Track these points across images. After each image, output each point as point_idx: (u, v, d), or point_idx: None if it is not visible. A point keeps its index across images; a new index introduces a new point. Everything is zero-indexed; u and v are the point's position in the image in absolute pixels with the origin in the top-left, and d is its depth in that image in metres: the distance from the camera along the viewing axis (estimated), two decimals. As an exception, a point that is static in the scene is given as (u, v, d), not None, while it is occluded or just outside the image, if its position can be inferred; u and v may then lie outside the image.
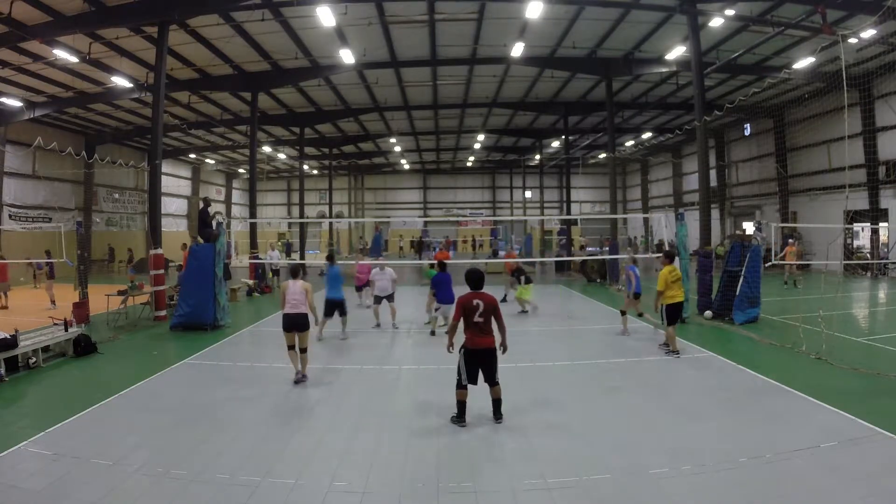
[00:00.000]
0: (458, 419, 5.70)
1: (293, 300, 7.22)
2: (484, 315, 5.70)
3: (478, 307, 5.69)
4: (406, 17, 15.73)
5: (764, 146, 27.25)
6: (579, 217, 38.22)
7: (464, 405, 5.71)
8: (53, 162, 23.53)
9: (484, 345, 5.69)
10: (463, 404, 5.71)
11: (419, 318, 12.32)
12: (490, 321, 5.77)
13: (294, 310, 7.19)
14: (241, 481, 4.50)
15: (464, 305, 5.75)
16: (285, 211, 47.81)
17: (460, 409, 5.72)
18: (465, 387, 5.69)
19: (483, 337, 5.70)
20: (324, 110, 25.97)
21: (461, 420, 5.69)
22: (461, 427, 5.60)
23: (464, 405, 5.71)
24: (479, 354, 5.67)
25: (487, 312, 5.72)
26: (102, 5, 13.35)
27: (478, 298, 5.74)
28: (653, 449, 5.06)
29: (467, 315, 5.71)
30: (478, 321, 5.68)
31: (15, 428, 5.70)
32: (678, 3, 14.02)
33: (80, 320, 10.50)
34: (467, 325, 5.71)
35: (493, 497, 4.26)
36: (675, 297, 8.61)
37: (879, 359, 8.11)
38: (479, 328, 5.69)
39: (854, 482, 4.31)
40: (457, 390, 5.73)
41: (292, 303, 7.21)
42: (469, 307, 5.71)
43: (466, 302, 5.75)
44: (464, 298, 5.81)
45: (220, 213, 13.39)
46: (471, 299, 5.75)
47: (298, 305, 7.21)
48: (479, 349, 5.67)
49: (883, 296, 16.14)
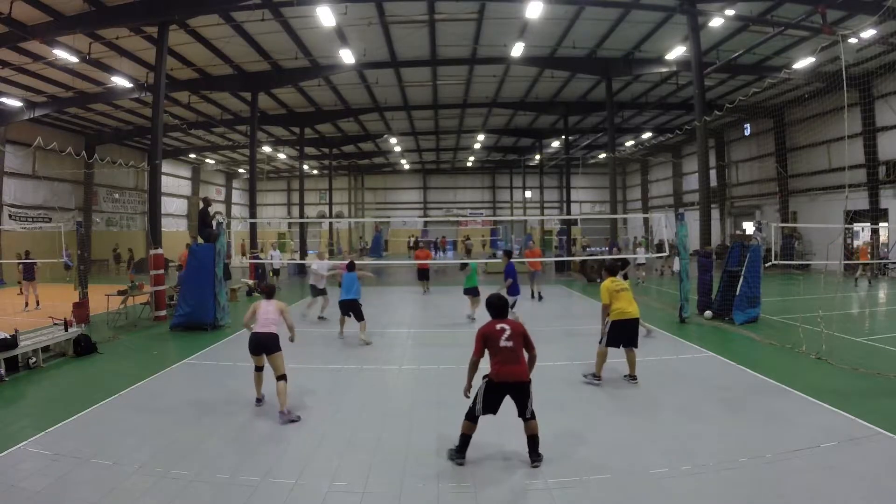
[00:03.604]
0: (458, 454, 4.82)
1: (265, 319, 6.27)
2: (513, 339, 4.78)
3: (503, 331, 4.79)
4: (406, 17, 15.74)
5: (764, 146, 27.25)
6: (579, 217, 38.21)
7: (468, 439, 4.80)
8: (53, 162, 23.55)
9: (515, 376, 4.68)
10: (467, 438, 4.80)
11: (419, 319, 12.31)
12: (521, 346, 4.81)
13: (264, 328, 6.20)
14: (241, 481, 4.49)
15: (485, 334, 4.84)
16: (285, 211, 47.83)
17: (462, 443, 4.82)
18: (475, 419, 4.77)
19: (513, 366, 4.71)
20: (324, 110, 25.98)
21: (461, 456, 4.80)
22: (459, 465, 4.76)
23: (468, 439, 4.80)
24: (507, 388, 4.70)
25: (517, 336, 4.82)
26: (102, 5, 13.36)
27: (502, 324, 4.87)
28: (653, 449, 5.05)
29: (491, 342, 4.79)
30: (505, 346, 4.74)
31: (15, 428, 5.70)
32: (678, 3, 14.03)
33: (80, 320, 10.49)
34: (494, 353, 4.78)
35: (494, 497, 4.26)
36: (627, 311, 6.99)
37: (879, 359, 8.10)
38: (510, 354, 4.73)
39: (854, 482, 4.31)
40: (465, 421, 4.80)
41: (263, 321, 6.25)
42: (492, 333, 4.81)
43: (489, 330, 4.85)
44: (486, 327, 4.91)
45: (220, 213, 13.40)
46: (494, 325, 4.87)
47: (269, 325, 6.25)
48: (507, 383, 4.67)
49: (883, 296, 16.14)
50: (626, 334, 7.04)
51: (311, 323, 11.90)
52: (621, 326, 6.98)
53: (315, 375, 7.90)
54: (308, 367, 8.36)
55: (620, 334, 7.00)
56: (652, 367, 8.20)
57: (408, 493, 4.31)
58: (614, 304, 6.99)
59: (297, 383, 7.44)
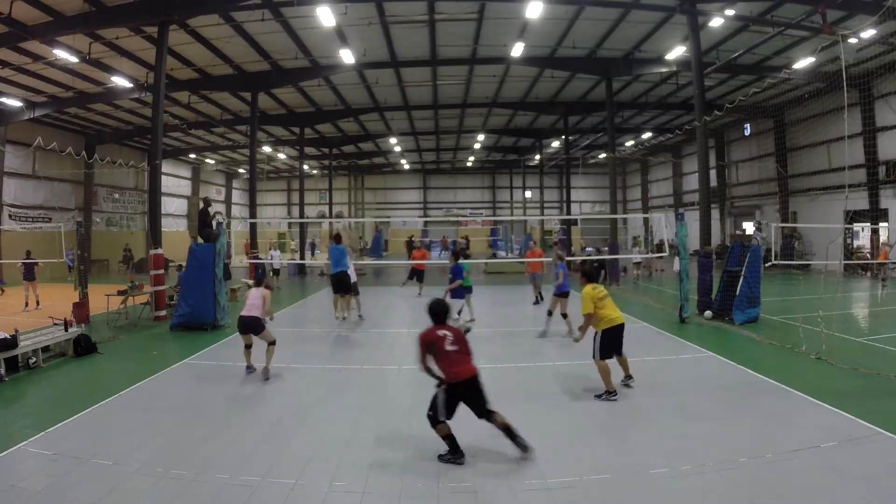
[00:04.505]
0: (453, 454, 4.82)
1: (249, 303, 7.56)
2: (457, 343, 4.92)
3: (445, 337, 4.90)
4: (406, 17, 15.74)
5: (764, 146, 27.25)
6: (579, 217, 38.23)
7: (452, 438, 4.83)
8: (53, 162, 23.55)
9: (468, 373, 4.84)
10: (450, 437, 4.83)
11: (419, 319, 12.28)
12: (465, 348, 4.97)
13: (247, 312, 7.50)
14: (241, 481, 4.50)
15: (428, 341, 4.92)
16: (285, 211, 47.84)
17: (450, 444, 4.83)
18: (443, 421, 4.83)
19: (464, 365, 4.87)
20: (324, 110, 25.98)
21: (456, 454, 4.82)
22: (459, 464, 4.77)
23: (452, 438, 4.83)
24: (463, 388, 4.81)
25: (459, 340, 4.97)
26: (102, 5, 13.36)
27: (443, 330, 4.99)
28: (653, 449, 5.05)
29: (436, 348, 4.89)
30: (451, 349, 4.86)
31: (15, 428, 5.70)
32: (678, 3, 14.02)
33: (80, 320, 10.49)
34: (440, 357, 4.88)
35: (493, 497, 4.26)
36: (615, 317, 6.73)
37: (879, 359, 8.10)
38: (457, 356, 4.88)
39: (854, 482, 4.31)
40: (435, 427, 4.83)
41: (248, 305, 7.55)
42: (435, 339, 4.90)
43: (431, 337, 4.94)
44: (427, 334, 4.98)
45: (219, 213, 13.39)
46: (435, 332, 4.97)
47: (252, 309, 7.51)
48: (463, 381, 4.81)
49: (883, 296, 16.13)
50: (617, 341, 6.82)
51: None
52: (612, 335, 6.72)
53: (315, 375, 7.91)
54: (309, 367, 8.38)
55: (612, 342, 6.74)
56: (652, 367, 8.20)
57: (408, 493, 4.32)
58: (600, 313, 6.70)
59: (297, 383, 7.48)
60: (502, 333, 10.88)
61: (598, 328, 6.72)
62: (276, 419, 5.98)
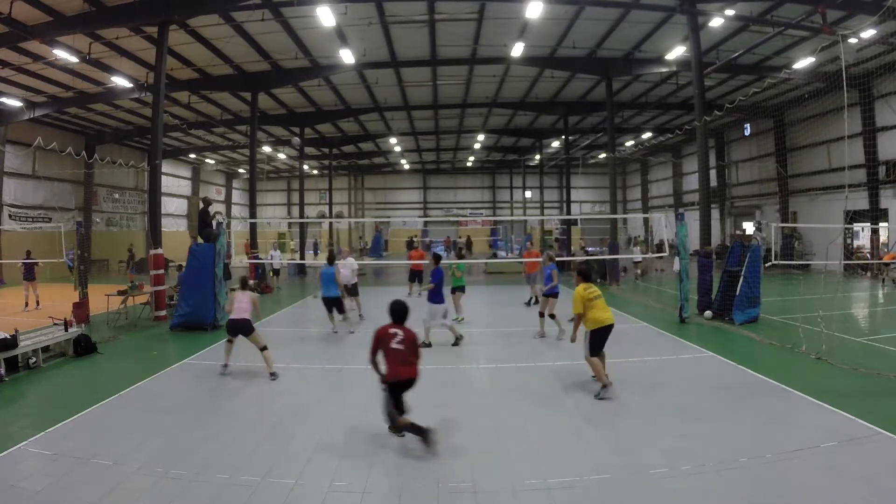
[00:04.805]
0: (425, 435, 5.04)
1: (238, 307, 7.77)
2: (404, 343, 5.22)
3: (395, 335, 5.23)
4: (406, 17, 15.73)
5: (764, 146, 27.24)
6: (579, 217, 38.21)
7: (413, 424, 5.09)
8: (53, 162, 23.54)
9: (407, 374, 5.19)
10: (412, 425, 5.09)
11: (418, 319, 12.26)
12: (411, 350, 5.25)
13: (238, 315, 7.73)
14: (241, 481, 4.50)
15: (380, 337, 5.27)
16: (285, 211, 47.83)
17: (416, 430, 5.06)
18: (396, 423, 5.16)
19: (405, 367, 5.19)
20: (324, 110, 25.97)
21: (427, 434, 5.05)
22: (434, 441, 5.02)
23: (413, 424, 5.09)
24: (399, 386, 5.16)
25: (408, 341, 5.25)
26: (102, 5, 13.35)
27: (395, 328, 5.30)
28: (653, 449, 5.05)
29: (384, 344, 5.22)
30: (396, 348, 5.18)
31: (15, 428, 5.70)
32: (678, 3, 14.02)
33: (80, 320, 10.49)
34: (386, 355, 5.22)
35: (493, 497, 4.26)
36: (602, 319, 6.89)
37: (879, 359, 8.11)
38: (400, 356, 5.18)
39: (854, 482, 4.31)
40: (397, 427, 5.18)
41: (237, 309, 7.76)
42: (386, 335, 5.24)
43: (383, 333, 5.28)
44: (381, 330, 5.32)
45: (219, 213, 13.39)
46: (388, 329, 5.30)
47: (242, 312, 7.74)
48: (401, 381, 5.16)
49: (882, 296, 16.14)
50: (605, 340, 6.98)
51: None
52: (600, 334, 6.90)
53: (315, 375, 7.91)
54: (309, 367, 8.38)
55: (601, 341, 6.93)
56: (652, 367, 8.21)
57: (408, 493, 4.32)
58: (589, 314, 6.86)
59: (297, 383, 7.48)
60: (502, 334, 10.88)
61: (588, 328, 6.92)
62: (276, 419, 5.98)
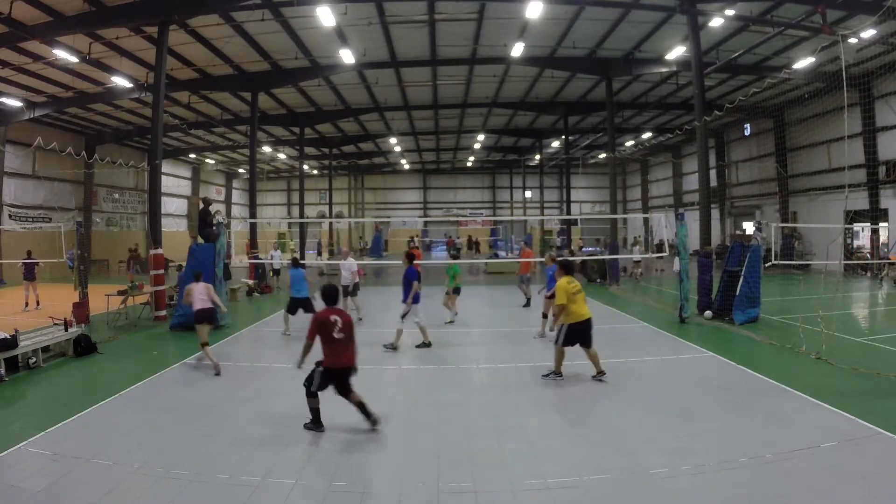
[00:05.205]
0: (316, 425, 5.53)
1: (201, 298, 8.37)
2: (344, 331, 5.49)
3: (336, 323, 5.46)
4: (406, 17, 15.74)
5: (764, 146, 27.24)
6: (579, 217, 38.22)
7: (318, 412, 5.54)
8: (53, 162, 23.53)
9: (346, 363, 5.51)
10: (317, 411, 5.54)
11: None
12: (350, 337, 5.56)
13: (204, 305, 8.34)
14: (241, 481, 4.49)
15: (321, 322, 5.45)
16: (285, 211, 47.84)
17: (316, 416, 5.55)
18: (315, 395, 5.50)
19: (344, 355, 5.50)
20: (324, 110, 25.97)
21: (319, 425, 5.53)
22: (321, 432, 5.48)
23: (318, 412, 5.54)
24: (339, 373, 5.48)
25: (347, 327, 5.53)
26: (102, 5, 13.35)
27: (335, 315, 5.52)
28: (653, 449, 5.05)
29: (325, 332, 5.44)
30: (338, 338, 5.45)
31: (15, 428, 5.70)
32: (678, 3, 14.01)
33: (80, 320, 10.48)
34: (327, 342, 5.46)
35: (493, 497, 4.26)
36: (582, 313, 7.19)
37: (879, 359, 8.11)
38: (341, 344, 5.46)
39: (854, 482, 4.31)
40: (308, 399, 5.53)
41: (202, 300, 8.36)
42: (327, 322, 5.45)
43: (324, 318, 5.47)
44: (321, 315, 5.52)
45: (219, 213, 13.39)
46: (328, 315, 5.50)
47: (206, 302, 8.37)
48: (342, 368, 5.48)
49: (882, 296, 16.14)
50: (581, 335, 7.24)
51: None
52: (577, 329, 7.17)
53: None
54: (309, 367, 8.35)
55: (576, 336, 7.21)
56: (652, 367, 8.21)
57: (408, 493, 4.31)
58: (570, 307, 7.15)
59: (297, 384, 7.44)
60: (502, 334, 10.89)
61: (566, 321, 7.19)
62: (276, 419, 5.97)
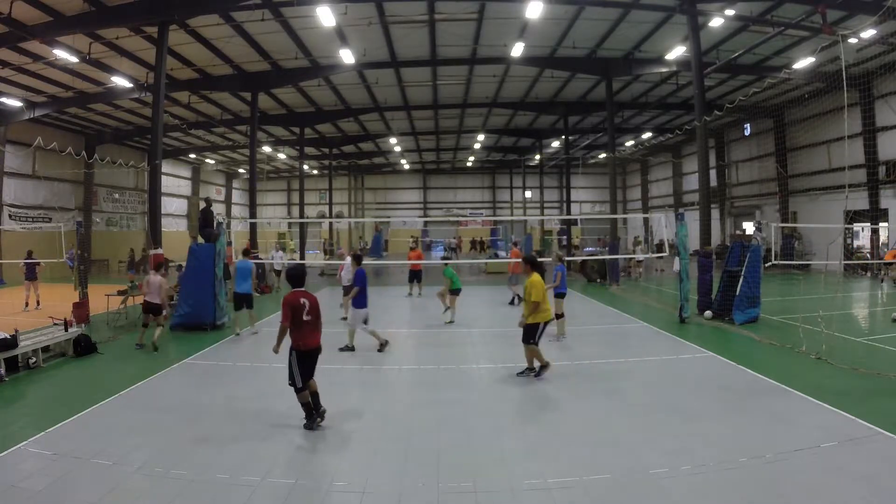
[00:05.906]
0: (310, 421, 5.60)
1: (151, 290, 9.45)
2: (311, 313, 5.66)
3: (304, 306, 5.60)
4: (406, 17, 15.74)
5: (764, 146, 27.25)
6: (579, 217, 38.21)
7: (309, 407, 5.62)
8: (53, 162, 23.52)
9: (313, 344, 5.67)
10: (308, 406, 5.61)
11: (418, 319, 12.29)
12: (318, 318, 5.76)
13: (151, 299, 9.43)
14: (241, 481, 4.49)
15: (291, 304, 5.56)
16: (285, 211, 47.84)
17: (307, 412, 5.61)
18: (303, 389, 5.56)
19: (314, 337, 5.70)
20: (324, 110, 25.98)
21: (313, 419, 5.60)
22: (317, 430, 5.54)
23: (309, 407, 5.62)
24: (313, 354, 5.68)
25: (314, 309, 5.70)
26: (102, 5, 13.35)
27: (303, 297, 5.66)
28: (653, 449, 5.05)
29: (295, 315, 5.57)
30: (307, 320, 5.61)
31: (15, 428, 5.70)
32: (678, 3, 14.02)
33: (80, 320, 10.48)
34: (297, 326, 5.58)
35: (493, 497, 4.26)
36: (550, 313, 7.54)
37: (879, 359, 8.11)
38: (309, 326, 5.64)
39: (854, 482, 4.31)
40: (298, 394, 5.59)
41: (152, 293, 9.44)
42: (297, 305, 5.58)
43: (294, 301, 5.59)
44: (291, 297, 5.63)
45: (219, 214, 13.38)
46: (297, 298, 5.62)
47: (154, 295, 9.43)
48: (312, 349, 5.65)
49: (883, 296, 16.14)
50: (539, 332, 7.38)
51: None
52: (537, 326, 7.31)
53: (315, 376, 7.89)
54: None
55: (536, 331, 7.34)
56: (652, 367, 8.21)
57: (408, 493, 4.31)
58: (544, 305, 7.27)
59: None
60: (502, 334, 10.87)
61: (538, 319, 7.24)
62: (276, 419, 5.97)
